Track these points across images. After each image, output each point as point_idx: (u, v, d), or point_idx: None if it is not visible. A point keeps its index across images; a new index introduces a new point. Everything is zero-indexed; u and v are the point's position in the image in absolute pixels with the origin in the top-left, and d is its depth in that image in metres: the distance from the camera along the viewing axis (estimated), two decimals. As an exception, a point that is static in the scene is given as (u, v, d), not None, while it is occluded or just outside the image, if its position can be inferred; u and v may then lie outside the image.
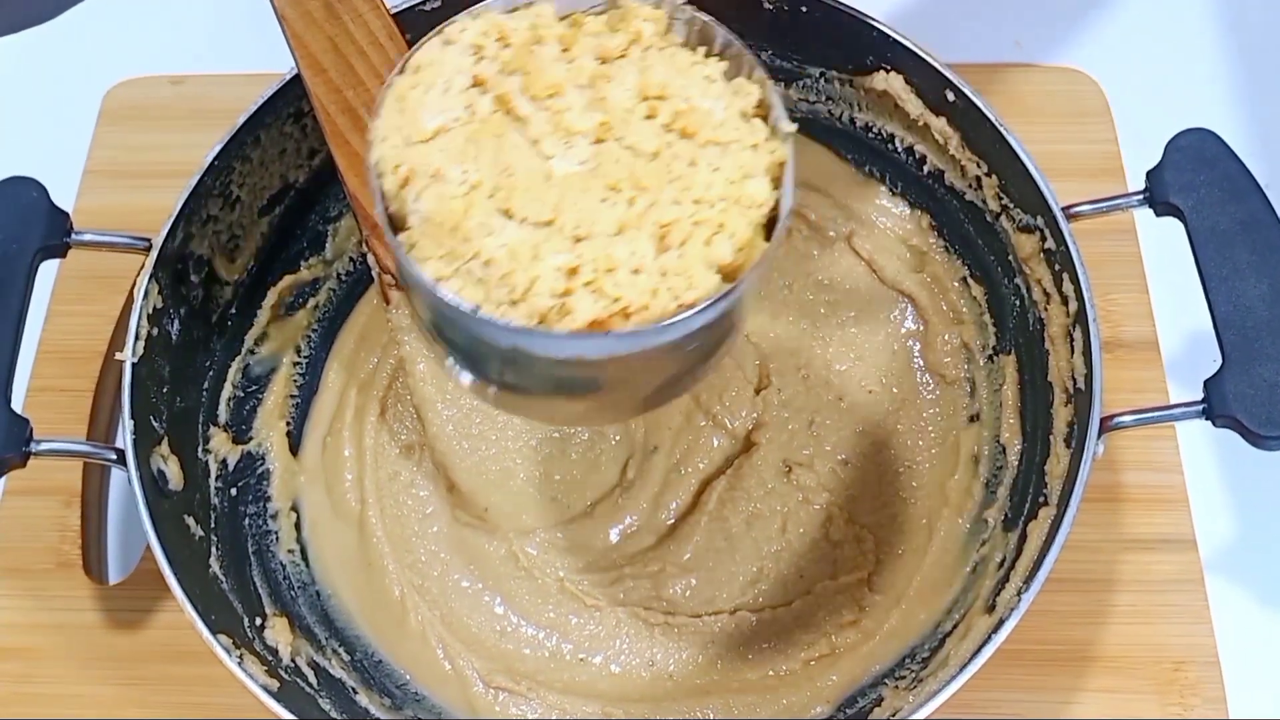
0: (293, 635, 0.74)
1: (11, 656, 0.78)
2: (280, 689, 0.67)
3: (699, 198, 0.54)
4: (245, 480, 0.80)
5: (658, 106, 0.56)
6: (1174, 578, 0.78)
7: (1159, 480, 0.81)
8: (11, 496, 0.83)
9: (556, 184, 0.54)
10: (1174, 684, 0.76)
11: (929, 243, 0.86)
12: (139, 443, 0.70)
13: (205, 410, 0.79)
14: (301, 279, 0.85)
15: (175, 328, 0.76)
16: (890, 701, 0.70)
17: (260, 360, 0.83)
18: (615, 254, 0.52)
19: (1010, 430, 0.79)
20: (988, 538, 0.76)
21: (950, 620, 0.73)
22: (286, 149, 0.81)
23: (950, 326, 0.84)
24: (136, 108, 0.97)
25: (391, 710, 0.74)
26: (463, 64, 0.57)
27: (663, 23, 0.59)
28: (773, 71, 0.85)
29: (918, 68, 0.79)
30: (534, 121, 0.55)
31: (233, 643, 0.67)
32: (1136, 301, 0.86)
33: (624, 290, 0.52)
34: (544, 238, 0.53)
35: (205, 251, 0.78)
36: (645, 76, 0.56)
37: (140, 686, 0.77)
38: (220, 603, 0.71)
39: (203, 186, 0.76)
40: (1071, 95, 0.94)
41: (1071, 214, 0.74)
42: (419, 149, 0.55)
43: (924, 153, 0.83)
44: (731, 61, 0.59)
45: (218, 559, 0.74)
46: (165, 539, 0.67)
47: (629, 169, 0.54)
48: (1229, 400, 0.66)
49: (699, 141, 0.55)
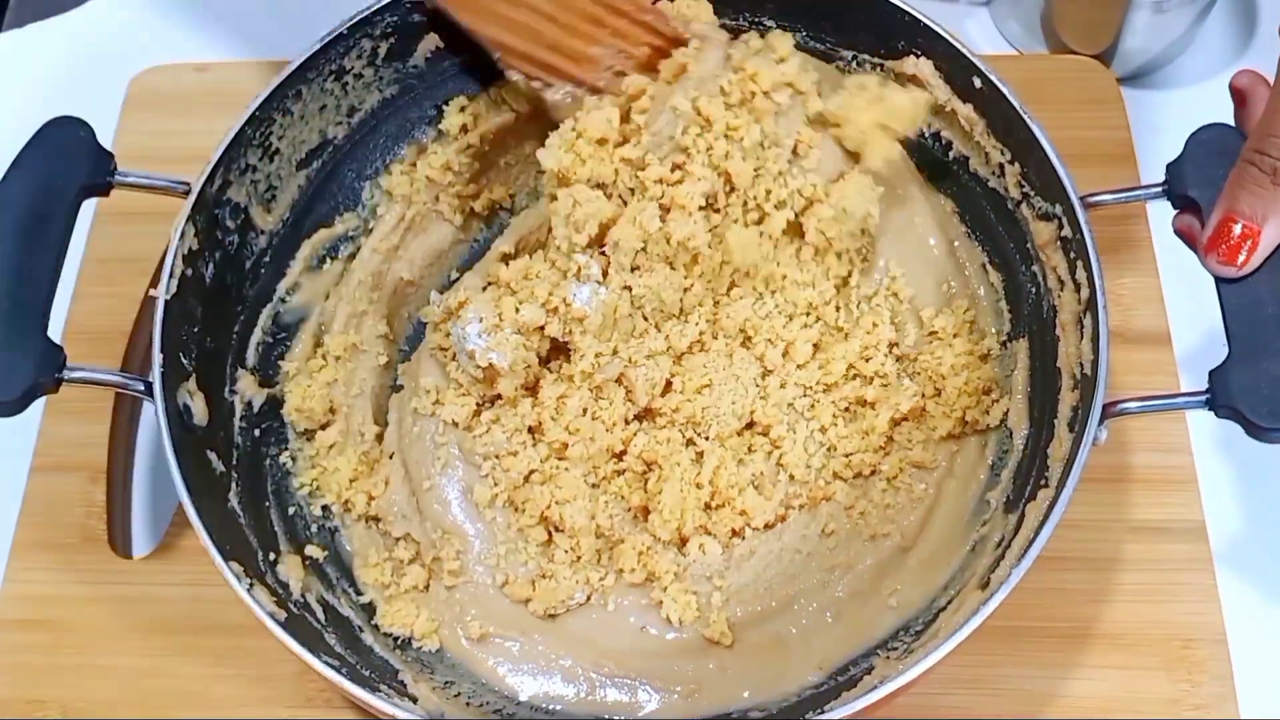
0: (304, 572, 0.76)
1: (41, 628, 0.81)
2: (287, 620, 0.69)
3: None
4: (269, 423, 0.82)
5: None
6: (1182, 557, 0.79)
7: (1168, 461, 0.82)
8: (39, 473, 0.85)
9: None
10: (1182, 661, 0.76)
11: (953, 227, 0.87)
12: (168, 376, 0.72)
13: (234, 352, 0.81)
14: (335, 233, 0.87)
15: (210, 271, 0.78)
16: (880, 670, 0.72)
17: (291, 309, 0.85)
18: None
19: (1018, 415, 0.79)
20: (989, 518, 0.77)
21: (945, 596, 0.74)
22: (326, 105, 0.84)
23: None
24: (162, 94, 0.99)
25: (395, 649, 0.76)
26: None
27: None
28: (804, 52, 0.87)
29: (947, 53, 0.81)
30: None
31: (244, 570, 0.69)
32: (1148, 288, 0.87)
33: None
34: None
35: (242, 199, 0.80)
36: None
37: (166, 657, 0.79)
38: (236, 535, 0.74)
39: (243, 135, 0.78)
40: (1084, 83, 0.95)
41: (1090, 203, 0.75)
42: None
43: (950, 138, 0.84)
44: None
45: (237, 495, 0.76)
46: (187, 470, 0.70)
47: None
48: (1233, 392, 0.66)
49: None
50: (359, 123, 0.86)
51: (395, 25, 0.84)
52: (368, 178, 0.88)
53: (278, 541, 0.77)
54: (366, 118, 0.87)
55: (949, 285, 0.84)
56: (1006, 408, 0.79)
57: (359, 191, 0.88)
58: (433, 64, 0.87)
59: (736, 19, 0.87)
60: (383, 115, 0.87)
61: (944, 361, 0.81)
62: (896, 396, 0.80)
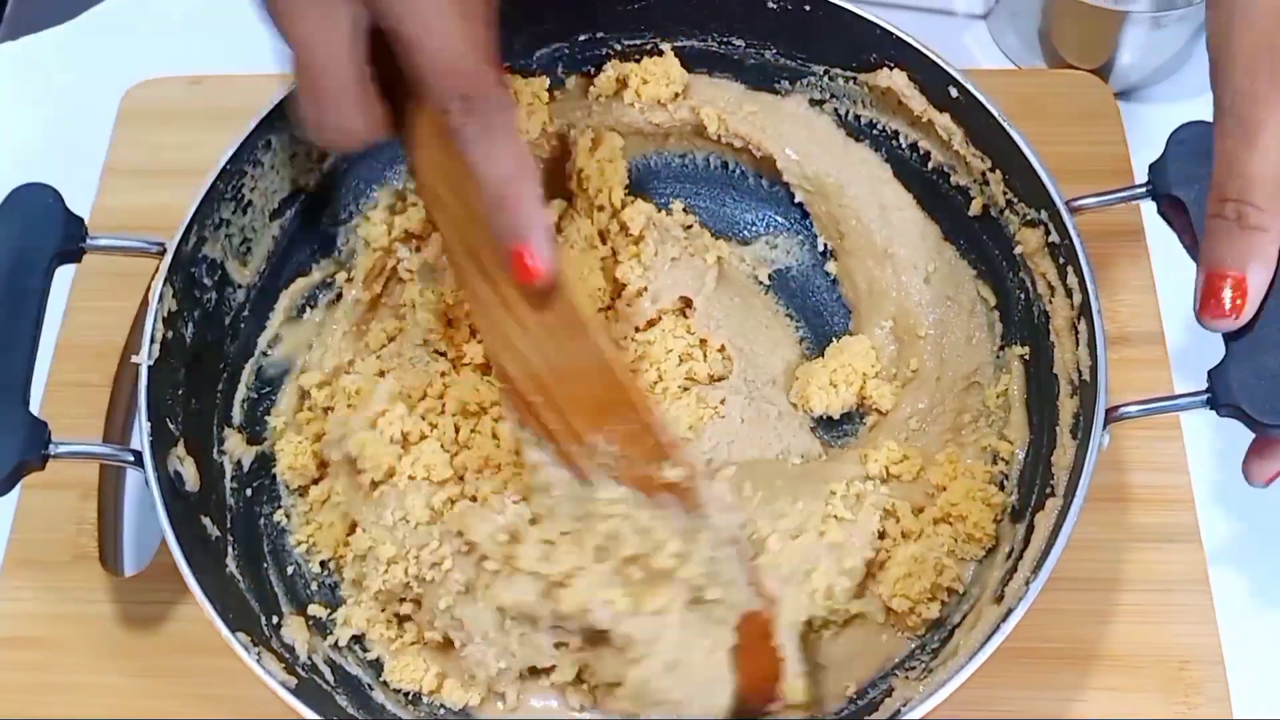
0: (309, 633, 0.75)
1: (29, 646, 0.79)
2: (298, 685, 0.68)
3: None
4: (260, 480, 0.81)
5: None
6: (1179, 577, 0.79)
7: (1164, 480, 0.81)
8: (29, 490, 0.83)
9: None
10: (1179, 683, 0.76)
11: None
12: (156, 445, 0.71)
13: (220, 412, 0.80)
14: (313, 281, 0.86)
15: (190, 331, 0.77)
16: (900, 691, 0.71)
17: (273, 362, 0.83)
18: None
19: (1016, 423, 0.79)
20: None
21: (959, 611, 0.74)
22: (297, 153, 0.82)
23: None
24: (155, 108, 0.98)
25: (407, 705, 0.75)
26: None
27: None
28: (776, 69, 0.86)
29: (921, 64, 0.80)
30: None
31: (251, 640, 0.68)
32: (1143, 301, 0.87)
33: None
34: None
35: (218, 255, 0.79)
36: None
37: (155, 678, 0.78)
38: (238, 601, 0.72)
39: (215, 191, 0.77)
40: (1080, 98, 0.94)
41: (1075, 207, 0.75)
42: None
43: (928, 149, 0.84)
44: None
45: (234, 558, 0.75)
46: (183, 539, 0.68)
47: None
48: (1233, 389, 0.66)
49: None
50: (330, 168, 0.85)
51: (361, 67, 0.82)
52: (342, 223, 0.87)
53: (279, 603, 0.76)
54: (337, 163, 0.85)
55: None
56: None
57: (334, 237, 0.87)
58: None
59: (705, 39, 0.87)
60: (354, 159, 0.86)
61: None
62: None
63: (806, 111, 0.87)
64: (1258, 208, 0.63)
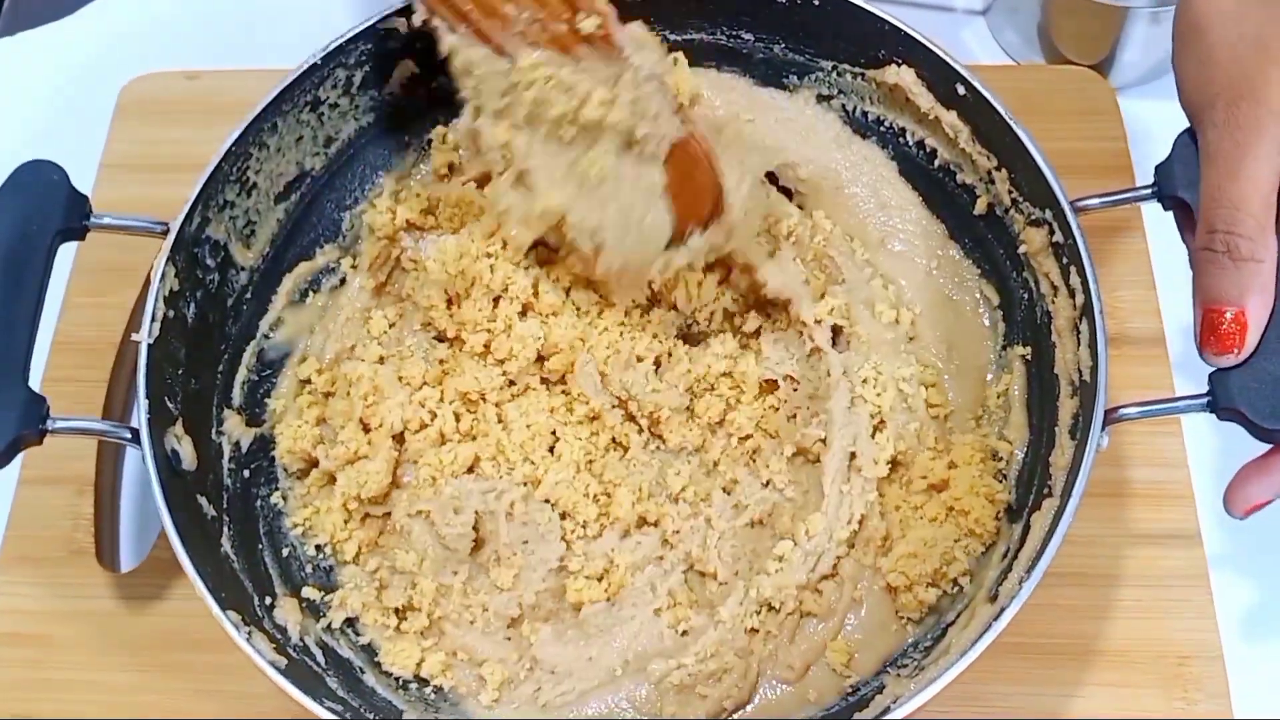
0: (302, 615, 0.75)
1: (26, 643, 0.79)
2: (288, 666, 0.68)
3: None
4: (258, 462, 0.81)
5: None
6: (1179, 573, 0.78)
7: (1164, 476, 0.81)
8: (26, 485, 0.84)
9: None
10: (1178, 679, 0.76)
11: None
12: (154, 422, 0.71)
13: (220, 392, 0.80)
14: (316, 265, 0.86)
15: (191, 311, 0.77)
16: (891, 689, 0.71)
17: (275, 345, 0.84)
18: None
19: (1016, 423, 0.79)
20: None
21: (954, 610, 0.74)
22: (303, 136, 0.82)
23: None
24: (152, 102, 0.98)
25: (398, 689, 0.75)
26: None
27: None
28: (785, 64, 0.86)
29: (929, 61, 0.80)
30: None
31: (242, 619, 0.68)
32: (1144, 298, 0.86)
33: None
34: None
35: (221, 236, 0.79)
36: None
37: (153, 673, 0.78)
38: (231, 581, 0.72)
39: (220, 172, 0.77)
40: (1079, 94, 0.94)
41: (1080, 208, 0.74)
42: None
43: (935, 147, 0.84)
44: None
45: (229, 538, 0.75)
46: (178, 518, 0.69)
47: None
48: (1233, 393, 0.66)
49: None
50: (336, 153, 0.85)
51: (369, 53, 0.82)
52: (347, 208, 0.87)
53: (273, 585, 0.76)
54: (344, 147, 0.86)
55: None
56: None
57: (339, 222, 0.87)
58: (409, 90, 0.86)
59: (714, 33, 0.87)
60: (360, 144, 0.86)
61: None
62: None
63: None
64: (1248, 238, 0.62)
